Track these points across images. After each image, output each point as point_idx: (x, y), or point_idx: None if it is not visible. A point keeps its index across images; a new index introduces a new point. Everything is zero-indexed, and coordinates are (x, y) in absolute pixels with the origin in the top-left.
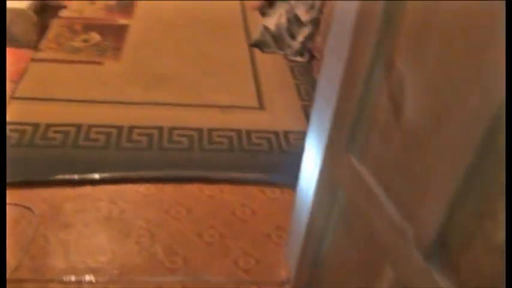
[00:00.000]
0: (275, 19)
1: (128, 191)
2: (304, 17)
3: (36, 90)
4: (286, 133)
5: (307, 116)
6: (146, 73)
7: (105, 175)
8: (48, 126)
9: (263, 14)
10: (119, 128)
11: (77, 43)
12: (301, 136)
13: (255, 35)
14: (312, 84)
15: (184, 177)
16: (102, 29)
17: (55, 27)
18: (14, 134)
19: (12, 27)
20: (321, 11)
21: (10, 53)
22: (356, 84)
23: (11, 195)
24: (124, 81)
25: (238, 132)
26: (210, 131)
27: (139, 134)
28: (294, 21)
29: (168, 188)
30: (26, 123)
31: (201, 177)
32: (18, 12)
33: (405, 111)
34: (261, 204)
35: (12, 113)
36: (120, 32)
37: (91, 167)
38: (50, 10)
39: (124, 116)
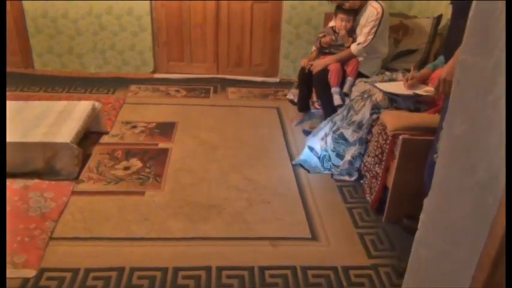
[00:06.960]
0: (319, 139)
1: None
2: (351, 137)
3: (75, 229)
4: (346, 269)
5: (365, 247)
6: (189, 202)
7: None
8: (88, 271)
9: (306, 133)
10: (163, 271)
11: (118, 171)
12: (364, 273)
13: (297, 152)
14: (364, 207)
15: None
16: (143, 154)
17: (96, 154)
18: (51, 283)
19: (56, 161)
20: (369, 130)
21: (51, 187)
22: None
23: None
24: (166, 214)
25: (293, 269)
26: (261, 269)
27: (185, 277)
28: (341, 140)
29: None
30: (64, 269)
31: None
32: (62, 146)
33: None
34: None
35: (50, 256)
36: (161, 156)
37: None
38: (92, 137)
39: (168, 255)
